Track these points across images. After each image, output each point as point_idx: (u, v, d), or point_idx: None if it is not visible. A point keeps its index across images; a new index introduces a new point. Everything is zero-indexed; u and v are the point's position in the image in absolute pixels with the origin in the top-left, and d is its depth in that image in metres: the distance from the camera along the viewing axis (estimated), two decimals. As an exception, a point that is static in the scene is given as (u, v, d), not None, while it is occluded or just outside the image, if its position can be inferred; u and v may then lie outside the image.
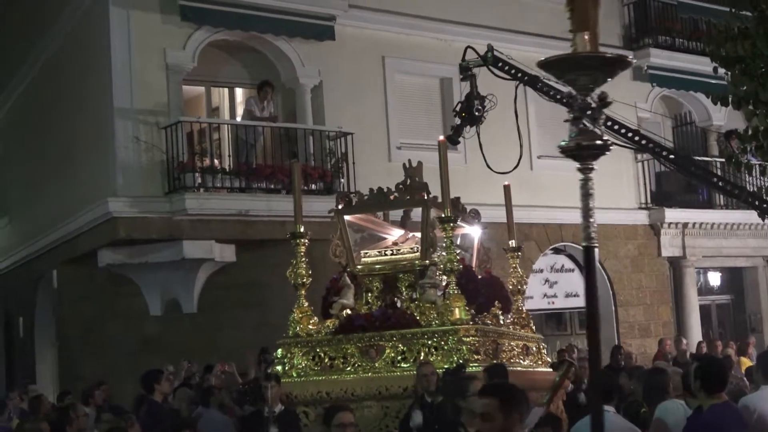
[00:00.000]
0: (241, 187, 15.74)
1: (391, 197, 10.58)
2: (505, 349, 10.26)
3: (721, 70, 12.75)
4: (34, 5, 19.64)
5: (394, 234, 11.32)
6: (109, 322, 16.27)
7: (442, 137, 10.39)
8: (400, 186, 10.60)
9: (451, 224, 9.71)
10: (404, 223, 11.49)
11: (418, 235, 10.75)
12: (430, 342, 9.57)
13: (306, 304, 10.18)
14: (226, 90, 18.13)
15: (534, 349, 11.13)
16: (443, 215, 9.68)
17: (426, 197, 10.36)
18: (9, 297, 22.51)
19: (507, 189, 11.64)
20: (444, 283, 10.02)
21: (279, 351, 10.20)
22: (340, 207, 10.74)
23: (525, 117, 18.69)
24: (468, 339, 9.48)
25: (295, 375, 9.89)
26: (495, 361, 9.61)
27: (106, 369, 15.23)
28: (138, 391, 11.57)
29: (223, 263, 15.98)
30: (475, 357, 9.41)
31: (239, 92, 18.13)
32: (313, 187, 15.87)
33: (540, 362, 11.13)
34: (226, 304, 16.09)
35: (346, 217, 10.74)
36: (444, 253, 9.85)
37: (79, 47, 16.99)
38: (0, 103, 22.00)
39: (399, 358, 9.63)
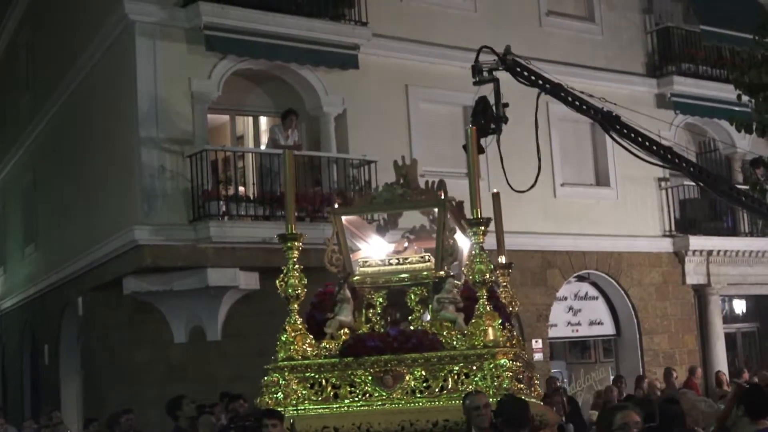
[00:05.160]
0: (266, 215, 15.78)
1: (400, 192, 9.21)
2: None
3: (745, 98, 12.77)
4: (62, 35, 19.89)
5: (373, 243, 9.86)
6: (134, 350, 16.33)
7: (473, 126, 9.32)
8: (394, 185, 9.33)
9: (482, 227, 8.25)
10: (384, 232, 9.97)
11: (406, 243, 9.48)
12: (457, 368, 8.26)
13: (300, 321, 8.78)
14: (250, 118, 18.23)
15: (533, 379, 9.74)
16: (472, 217, 8.26)
17: (443, 197, 8.99)
18: (35, 324, 22.65)
19: (496, 197, 10.32)
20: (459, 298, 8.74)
21: (269, 377, 8.65)
22: (336, 206, 9.43)
23: (548, 144, 18.81)
24: (508, 364, 8.18)
25: (291, 407, 8.39)
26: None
27: (131, 396, 15.29)
28: (163, 419, 11.61)
29: (247, 291, 16.03)
30: (518, 386, 8.17)
31: (264, 121, 18.23)
32: (337, 215, 15.90)
33: (535, 393, 9.54)
34: (250, 331, 16.11)
35: (344, 219, 9.37)
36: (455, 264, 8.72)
37: (106, 77, 17.16)
38: (29, 131, 22.22)
39: (423, 386, 8.31)
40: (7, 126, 25.26)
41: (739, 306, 23.43)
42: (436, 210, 9.20)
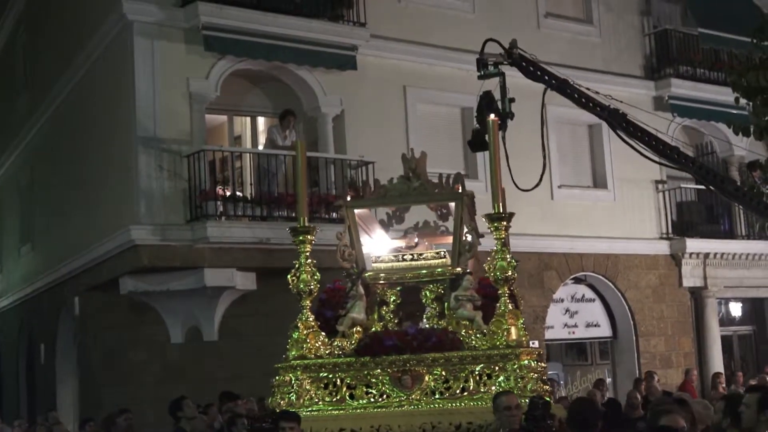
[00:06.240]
0: (263, 216, 15.78)
1: (415, 185, 8.94)
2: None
3: (743, 101, 12.75)
4: (60, 35, 19.87)
5: (377, 239, 9.58)
6: (130, 350, 16.31)
7: (493, 116, 9.04)
8: (407, 178, 9.09)
9: (504, 222, 8.08)
10: (388, 227, 9.68)
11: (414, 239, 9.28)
12: (478, 369, 7.99)
13: (312, 318, 8.42)
14: (248, 119, 18.23)
15: None
16: (493, 211, 8.06)
17: (461, 190, 8.77)
18: (31, 323, 22.62)
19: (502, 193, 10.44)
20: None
21: (281, 376, 8.42)
22: (349, 198, 9.10)
23: (546, 146, 18.76)
24: (533, 365, 7.95)
25: (304, 408, 8.10)
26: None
27: (127, 396, 15.26)
28: (159, 419, 11.60)
29: (244, 291, 16.01)
30: (544, 387, 7.96)
31: (261, 121, 18.23)
32: (334, 215, 15.90)
33: None
34: (247, 332, 16.12)
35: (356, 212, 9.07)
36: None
37: (104, 76, 17.14)
38: (26, 131, 22.20)
39: (443, 387, 8.04)
40: (5, 126, 25.23)
41: (736, 309, 23.46)
42: (451, 204, 9.01)
